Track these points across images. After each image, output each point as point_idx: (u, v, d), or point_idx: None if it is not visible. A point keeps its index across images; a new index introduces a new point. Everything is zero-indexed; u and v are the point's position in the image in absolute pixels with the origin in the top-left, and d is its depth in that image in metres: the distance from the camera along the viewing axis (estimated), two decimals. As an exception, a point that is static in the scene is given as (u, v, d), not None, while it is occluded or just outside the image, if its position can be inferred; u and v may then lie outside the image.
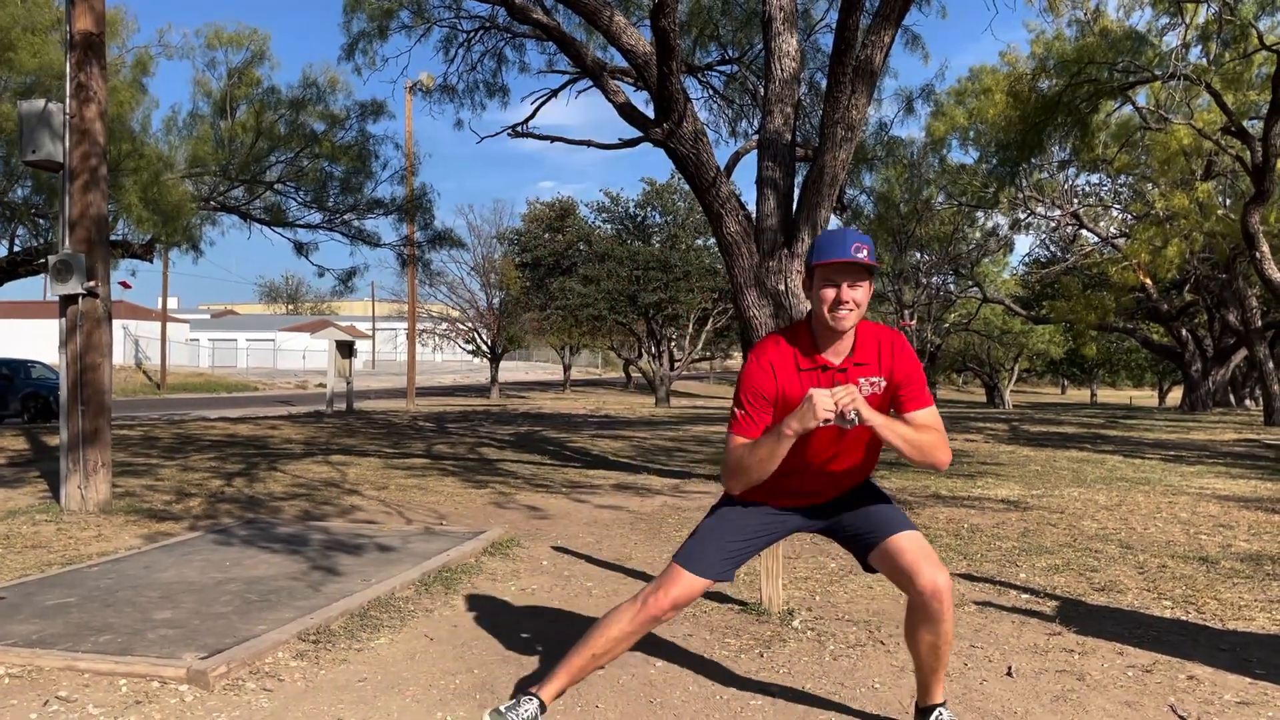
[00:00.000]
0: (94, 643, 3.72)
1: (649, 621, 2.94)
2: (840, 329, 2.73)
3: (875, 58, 8.42)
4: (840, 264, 2.68)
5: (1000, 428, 18.60)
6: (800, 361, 2.80)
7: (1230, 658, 3.76)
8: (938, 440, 2.79)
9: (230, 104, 16.03)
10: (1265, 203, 18.22)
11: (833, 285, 2.70)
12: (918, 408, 2.84)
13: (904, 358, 2.83)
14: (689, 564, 2.92)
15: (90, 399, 7.11)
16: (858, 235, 2.74)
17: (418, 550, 5.57)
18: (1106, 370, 57.02)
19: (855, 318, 2.73)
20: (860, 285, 2.70)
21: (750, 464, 2.75)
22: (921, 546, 2.81)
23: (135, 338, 47.99)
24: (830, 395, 2.60)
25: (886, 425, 2.69)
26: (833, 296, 2.70)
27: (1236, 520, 7.01)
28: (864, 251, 2.69)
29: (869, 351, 2.81)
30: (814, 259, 2.75)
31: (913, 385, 2.84)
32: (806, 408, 2.60)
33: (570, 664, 3.00)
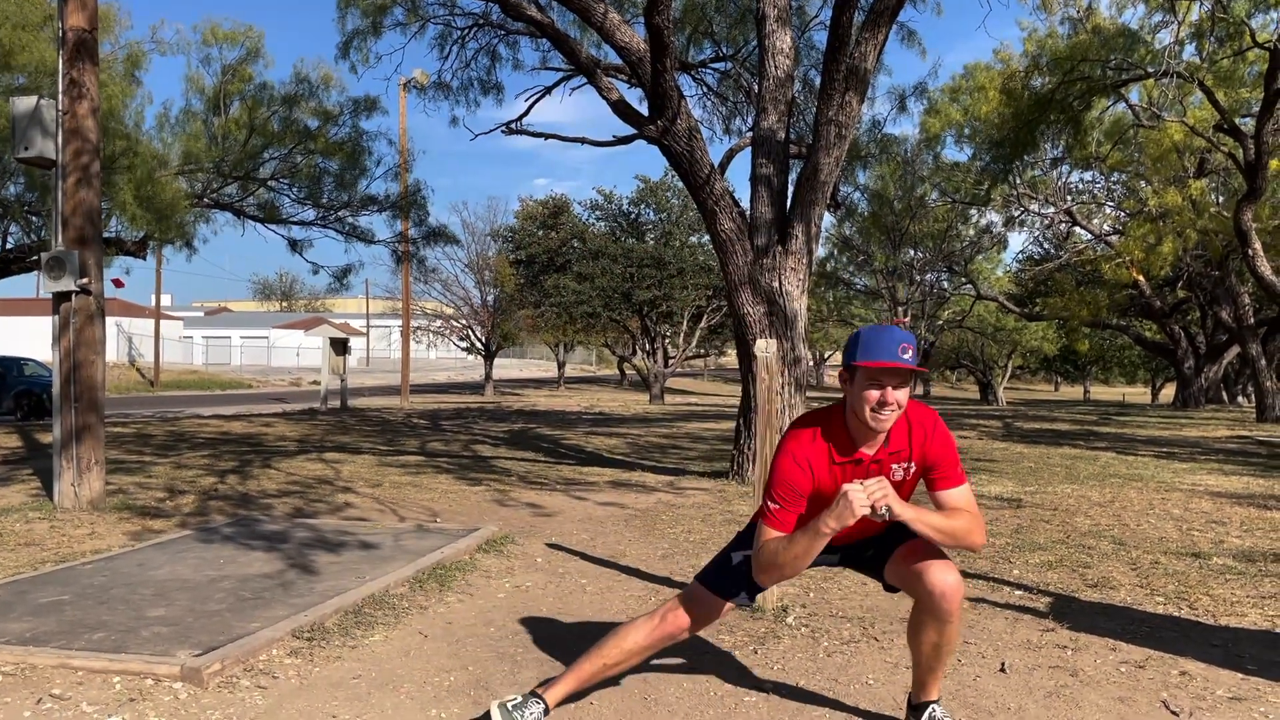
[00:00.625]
0: (88, 640, 3.71)
1: (665, 639, 2.95)
2: (881, 430, 2.71)
3: (869, 55, 8.43)
4: (889, 368, 2.63)
5: (994, 425, 18.64)
6: (834, 455, 2.76)
7: (1223, 653, 3.78)
8: (971, 524, 2.74)
9: (224, 100, 16.00)
10: (1258, 200, 18.29)
11: (877, 387, 2.65)
12: (949, 487, 2.79)
13: (936, 440, 2.79)
14: (712, 586, 2.93)
15: (83, 396, 7.09)
16: (902, 335, 2.70)
17: (412, 547, 5.57)
18: (1100, 367, 57.15)
19: (896, 418, 2.69)
20: (904, 387, 2.67)
21: (784, 560, 2.72)
22: (931, 548, 2.78)
23: (129, 335, 47.86)
24: (864, 490, 2.56)
25: (918, 519, 2.64)
26: (876, 398, 2.65)
27: (1229, 516, 7.04)
28: (909, 353, 2.65)
29: (902, 438, 2.78)
30: (857, 358, 2.68)
31: (944, 466, 2.79)
32: (843, 506, 2.55)
33: (580, 669, 3.00)
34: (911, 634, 2.90)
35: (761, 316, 8.65)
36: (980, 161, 24.16)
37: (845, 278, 37.10)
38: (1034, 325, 38.01)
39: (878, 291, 35.77)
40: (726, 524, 6.64)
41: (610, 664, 2.98)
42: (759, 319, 8.65)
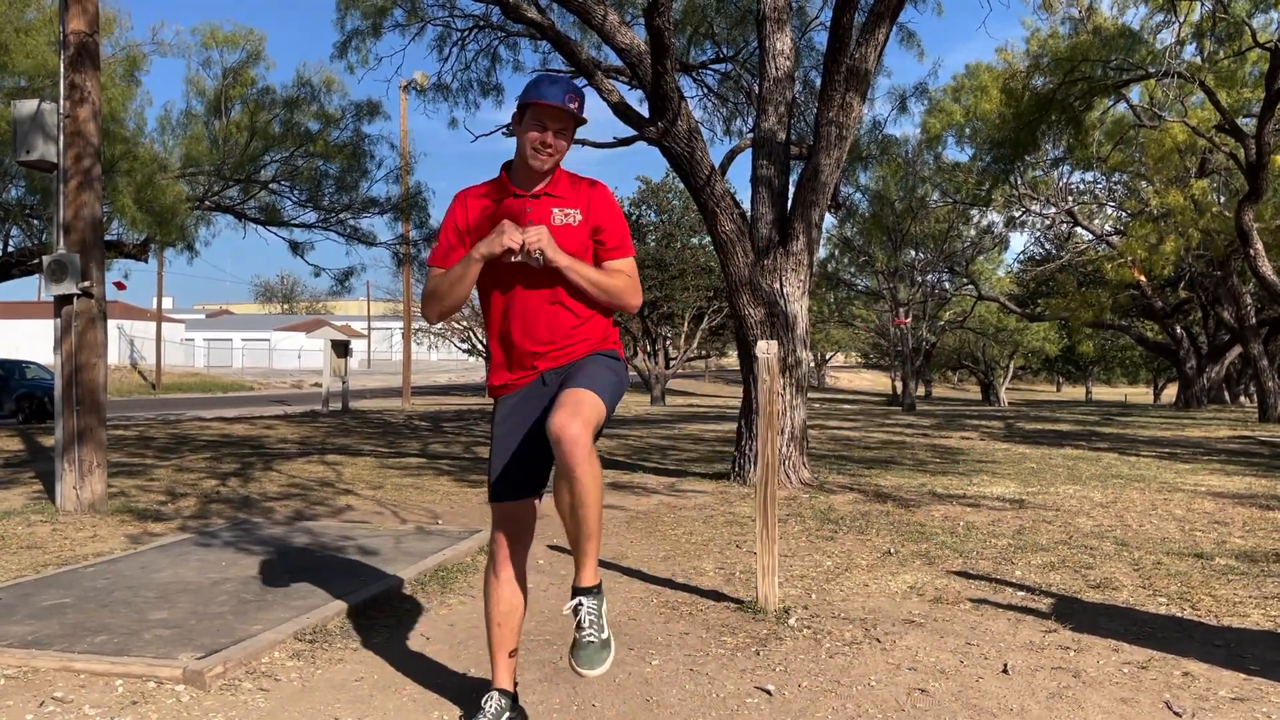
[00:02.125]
0: (90, 643, 3.72)
1: (503, 564, 2.98)
2: (538, 170, 2.81)
3: (869, 56, 8.43)
4: (552, 109, 2.74)
5: (996, 425, 18.63)
6: (495, 194, 2.90)
7: (1225, 654, 3.77)
8: (627, 284, 2.89)
9: (225, 103, 16.01)
10: (1259, 200, 18.29)
11: (539, 128, 2.76)
12: (617, 257, 2.91)
13: (602, 200, 2.90)
14: (498, 492, 2.96)
15: (85, 399, 7.10)
16: (574, 85, 2.82)
17: (413, 550, 5.57)
18: (1102, 367, 57.15)
19: (554, 162, 2.81)
20: (565, 135, 2.79)
21: (443, 288, 2.85)
22: (574, 399, 2.64)
23: (130, 338, 47.90)
24: (519, 231, 2.69)
25: (572, 266, 2.76)
26: (538, 139, 2.76)
27: (1231, 517, 7.03)
28: (576, 103, 2.75)
29: (565, 186, 2.89)
30: (527, 97, 2.77)
31: (612, 233, 2.91)
32: (494, 234, 2.71)
33: (491, 643, 3.02)
34: (555, 499, 2.72)
35: (762, 318, 8.65)
36: (981, 162, 24.16)
37: (846, 279, 37.09)
38: (1035, 326, 38.03)
39: (879, 292, 35.77)
40: (728, 525, 6.64)
41: (499, 620, 2.99)
42: (760, 320, 8.65)
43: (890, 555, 5.64)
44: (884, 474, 9.74)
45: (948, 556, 5.60)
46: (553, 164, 2.83)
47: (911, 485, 8.83)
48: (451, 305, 2.89)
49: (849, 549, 5.83)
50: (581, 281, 2.79)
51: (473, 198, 2.93)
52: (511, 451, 2.95)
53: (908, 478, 9.42)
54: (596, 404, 2.69)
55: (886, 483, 9.00)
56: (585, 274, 2.80)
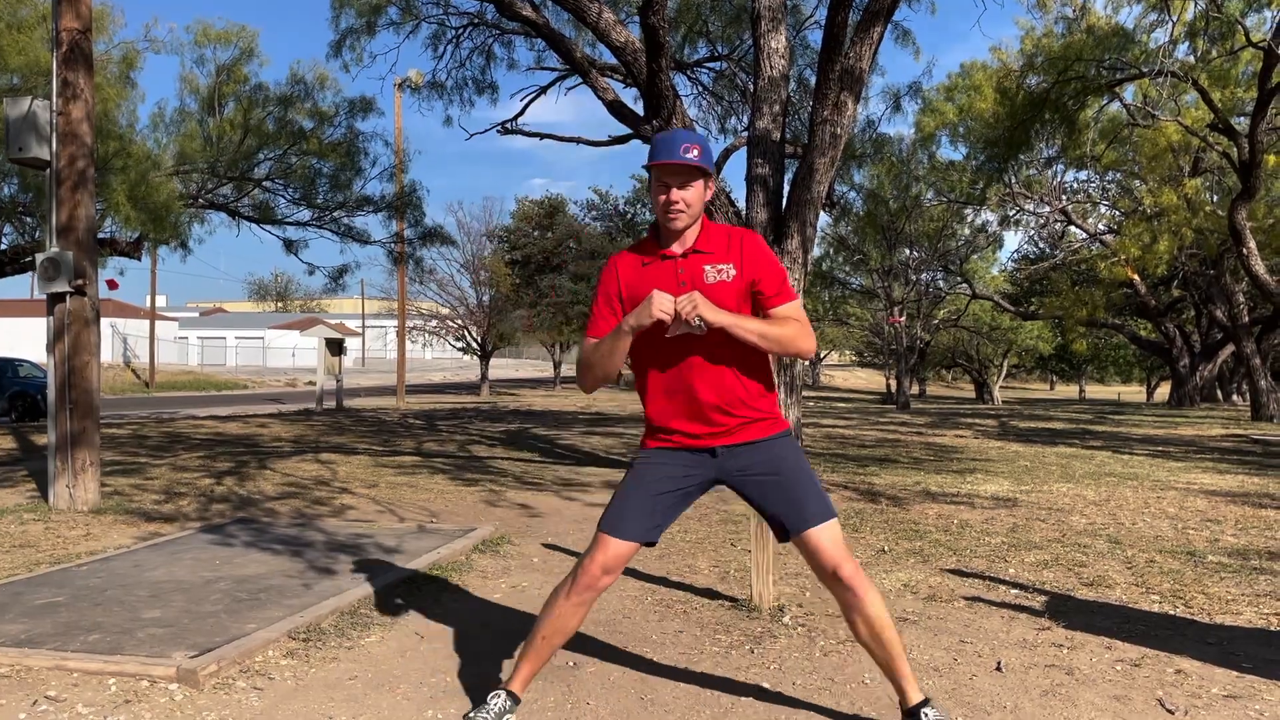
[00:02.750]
0: (83, 642, 3.71)
1: (584, 591, 2.90)
2: (674, 229, 2.78)
3: (864, 55, 8.45)
4: (671, 165, 2.71)
5: (989, 424, 18.67)
6: (643, 259, 2.85)
7: (1218, 651, 3.79)
8: (798, 330, 2.77)
9: (218, 101, 15.97)
10: (1252, 199, 18.33)
11: (664, 188, 2.74)
12: (780, 304, 2.82)
13: (755, 249, 2.83)
14: (612, 529, 2.89)
15: (78, 398, 7.08)
16: (690, 136, 2.76)
17: (408, 548, 5.57)
18: (1095, 366, 57.28)
19: (687, 218, 2.76)
20: (691, 186, 2.73)
21: (594, 359, 2.81)
22: (826, 538, 2.78)
23: (123, 336, 47.79)
24: (671, 300, 2.64)
25: (736, 323, 2.68)
26: (663, 199, 2.74)
27: (1224, 515, 7.06)
28: (694, 153, 2.70)
29: (717, 242, 2.83)
30: (648, 159, 2.76)
31: (770, 280, 2.82)
32: (644, 305, 2.65)
33: (527, 653, 2.99)
34: (856, 635, 2.86)
35: (757, 316, 8.65)
36: (975, 160, 24.19)
37: (841, 277, 37.13)
38: (1029, 324, 38.09)
39: (873, 291, 35.80)
40: (722, 523, 6.64)
41: (549, 635, 2.94)
42: (755, 319, 8.65)
43: (884, 553, 5.65)
44: (878, 472, 9.75)
45: (942, 554, 5.61)
46: (688, 219, 2.76)
47: (906, 483, 8.84)
48: (604, 377, 2.85)
49: (843, 547, 5.83)
50: (749, 336, 2.69)
51: (624, 263, 2.87)
52: (650, 496, 2.89)
53: (902, 476, 9.44)
54: (838, 529, 2.83)
55: (881, 481, 9.02)
56: (751, 327, 2.70)
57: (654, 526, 2.90)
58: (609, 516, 2.90)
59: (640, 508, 2.88)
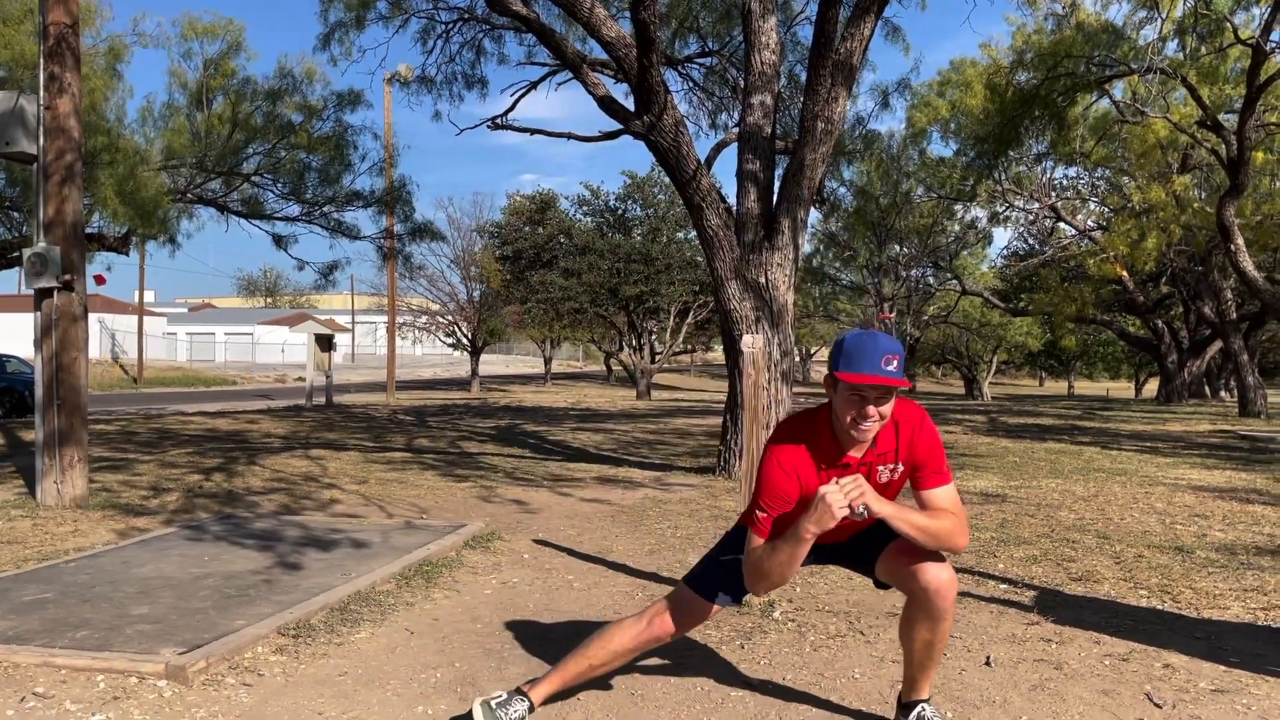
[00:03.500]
0: (71, 638, 3.69)
1: (651, 641, 2.92)
2: (863, 440, 2.66)
3: (855, 50, 8.45)
4: (869, 382, 2.55)
5: (979, 419, 18.72)
6: (821, 463, 2.70)
7: (1205, 646, 3.81)
8: (954, 526, 2.68)
9: (206, 95, 15.89)
10: (1240, 196, 18.40)
11: (859, 400, 2.58)
12: (933, 486, 2.74)
13: (924, 440, 2.73)
14: (699, 589, 2.89)
15: (66, 394, 7.04)
16: (888, 344, 2.59)
17: (398, 544, 5.56)
18: (1084, 362, 57.50)
19: (879, 428, 2.65)
20: (887, 400, 2.60)
21: (770, 568, 2.68)
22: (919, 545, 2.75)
23: (111, 331, 47.55)
24: (841, 491, 2.52)
25: (898, 516, 2.60)
26: (857, 412, 2.59)
27: (1211, 510, 7.09)
28: (894, 365, 2.55)
29: (889, 440, 2.72)
30: (840, 369, 2.60)
31: (930, 464, 2.74)
32: (822, 509, 2.51)
33: (565, 669, 2.99)
34: (904, 631, 2.88)
35: (748, 312, 8.66)
36: (965, 157, 24.23)
37: (831, 273, 37.17)
38: (1019, 320, 38.18)
39: (863, 287, 35.85)
40: (714, 520, 6.64)
41: (596, 665, 2.96)
42: (745, 315, 8.66)
43: (874, 549, 5.66)
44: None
45: (931, 550, 5.62)
46: (877, 430, 2.65)
47: (895, 479, 8.86)
48: (781, 582, 2.77)
49: (833, 543, 5.84)
50: (909, 530, 2.63)
51: (802, 465, 2.70)
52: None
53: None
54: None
55: (871, 477, 9.03)
56: (911, 521, 2.63)
57: (743, 593, 2.93)
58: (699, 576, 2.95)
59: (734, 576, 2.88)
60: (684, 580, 2.99)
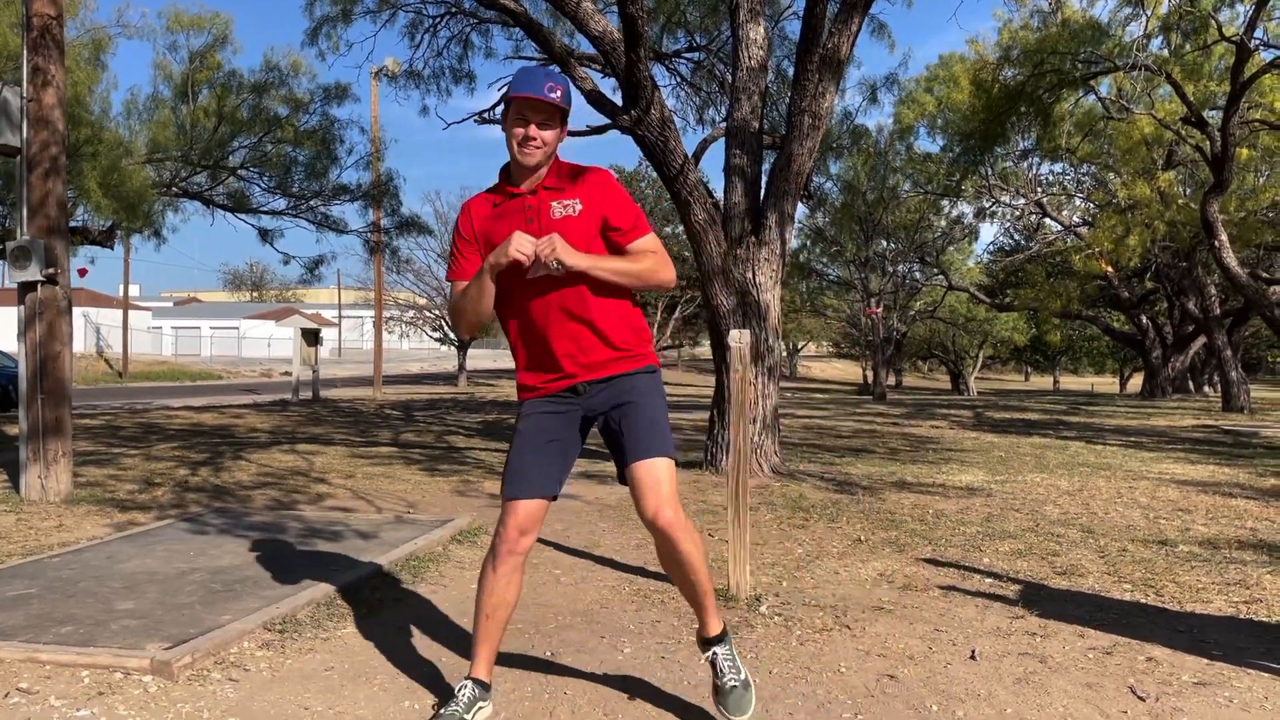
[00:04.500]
0: (55, 634, 3.67)
1: (506, 558, 2.90)
2: (527, 164, 2.77)
3: (842, 45, 8.46)
4: (532, 100, 2.70)
5: (965, 414, 18.80)
6: (495, 199, 2.87)
7: (1188, 639, 3.84)
8: (656, 262, 2.84)
9: (192, 88, 15.80)
10: (1224, 192, 18.49)
11: (522, 123, 2.72)
12: (635, 239, 2.85)
13: (602, 185, 2.84)
14: (513, 491, 2.90)
15: (50, 388, 7.00)
16: (555, 75, 2.77)
17: (385, 539, 5.55)
18: (1069, 357, 57.80)
19: (542, 156, 2.76)
20: (550, 125, 2.74)
21: (464, 303, 2.84)
22: (653, 477, 2.79)
23: (96, 325, 47.28)
24: (531, 240, 2.65)
25: (595, 264, 2.72)
26: (522, 134, 2.73)
27: (1195, 505, 7.14)
28: (557, 92, 2.70)
29: (563, 179, 2.84)
30: (508, 92, 2.75)
31: (623, 216, 2.84)
32: (503, 245, 2.68)
33: (476, 634, 2.98)
34: (665, 568, 2.93)
35: (735, 307, 8.67)
36: (952, 152, 24.29)
37: (818, 268, 37.22)
38: (1005, 316, 38.36)
39: (850, 282, 35.93)
40: (701, 514, 6.66)
41: (489, 611, 2.93)
42: (732, 310, 8.67)
43: (861, 543, 5.68)
44: (855, 462, 9.80)
45: (917, 544, 5.65)
46: (542, 157, 2.77)
47: (882, 474, 8.89)
48: (477, 319, 2.88)
49: (820, 537, 5.87)
50: (608, 276, 2.74)
51: (476, 206, 2.90)
52: (534, 452, 2.92)
53: (878, 466, 9.49)
54: (672, 471, 2.84)
55: (857, 471, 9.06)
56: (609, 266, 2.76)
57: (550, 479, 2.93)
58: (506, 482, 2.93)
59: (531, 465, 2.91)
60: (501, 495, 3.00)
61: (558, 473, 2.95)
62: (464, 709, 2.88)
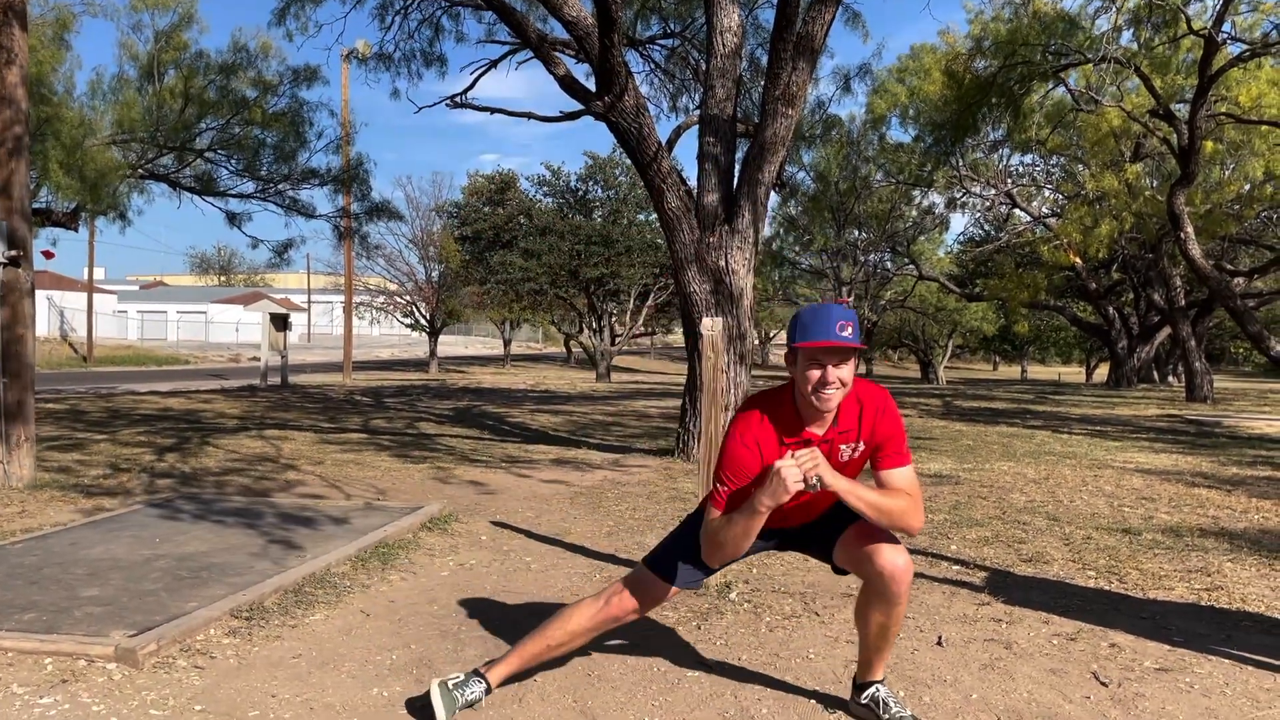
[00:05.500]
0: (18, 621, 3.63)
1: (609, 621, 2.93)
2: (826, 409, 2.67)
3: (816, 34, 8.46)
4: (829, 347, 2.59)
5: (934, 403, 18.95)
6: (784, 437, 2.71)
7: (1150, 626, 3.89)
8: (909, 506, 2.71)
9: (158, 68, 15.57)
10: (1190, 184, 18.73)
11: (818, 367, 2.60)
12: (892, 466, 2.77)
13: (886, 419, 2.75)
14: (659, 570, 2.91)
15: (13, 371, 6.89)
16: (842, 312, 2.64)
17: (354, 525, 5.52)
18: (1036, 347, 58.36)
19: (840, 396, 2.65)
20: (846, 364, 2.62)
21: (725, 540, 2.72)
22: (881, 530, 2.76)
23: (60, 309, 46.58)
24: (795, 464, 2.54)
25: (851, 491, 2.62)
26: (817, 378, 2.61)
27: (1158, 493, 7.24)
28: (848, 330, 2.59)
29: (851, 418, 2.74)
30: (797, 339, 2.64)
31: (891, 444, 2.77)
32: (776, 482, 2.54)
33: (523, 650, 2.99)
34: (859, 614, 2.90)
35: (707, 294, 8.67)
36: (924, 143, 24.41)
37: (790, 257, 37.34)
38: (974, 306, 38.64)
39: (822, 271, 36.07)
40: (672, 501, 6.67)
41: (554, 645, 2.97)
42: (705, 297, 8.67)
43: (830, 530, 5.71)
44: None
45: (886, 532, 5.68)
46: (840, 398, 2.66)
47: (852, 462, 8.94)
48: (735, 556, 2.80)
49: (790, 524, 5.89)
50: (861, 505, 2.65)
51: (765, 438, 2.70)
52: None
53: (848, 454, 9.54)
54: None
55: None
56: (865, 498, 2.65)
57: (702, 575, 2.96)
58: (659, 557, 2.95)
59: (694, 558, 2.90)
60: (643, 561, 3.00)
61: (705, 575, 2.97)
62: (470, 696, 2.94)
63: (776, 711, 3.03)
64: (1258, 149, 21.23)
